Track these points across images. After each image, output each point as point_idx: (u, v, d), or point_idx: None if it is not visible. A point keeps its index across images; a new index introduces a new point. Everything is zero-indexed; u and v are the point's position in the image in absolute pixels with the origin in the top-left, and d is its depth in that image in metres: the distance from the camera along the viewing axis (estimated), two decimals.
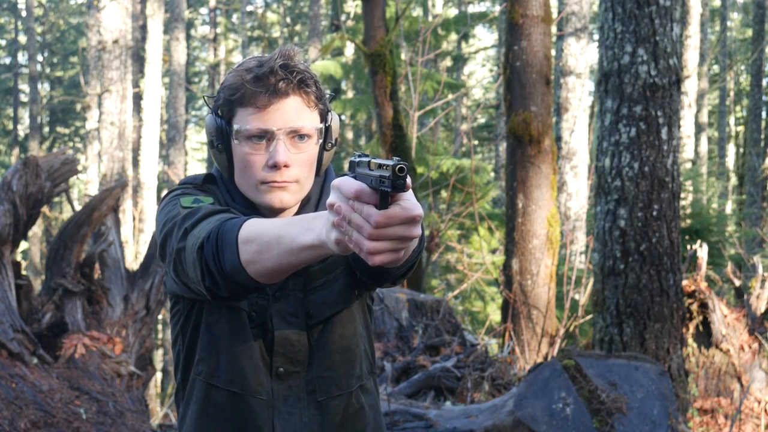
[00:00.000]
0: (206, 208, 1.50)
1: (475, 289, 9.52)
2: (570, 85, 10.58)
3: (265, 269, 1.38)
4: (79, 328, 5.44)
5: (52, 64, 26.87)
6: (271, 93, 1.54)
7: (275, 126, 1.55)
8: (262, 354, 1.60)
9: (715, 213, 8.41)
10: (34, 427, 4.10)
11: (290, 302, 1.61)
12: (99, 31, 11.78)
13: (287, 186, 1.56)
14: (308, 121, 1.57)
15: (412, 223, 1.16)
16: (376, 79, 6.40)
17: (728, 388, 5.36)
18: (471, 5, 22.44)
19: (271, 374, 1.61)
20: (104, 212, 6.02)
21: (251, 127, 1.54)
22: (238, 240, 1.39)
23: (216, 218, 1.46)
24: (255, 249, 1.37)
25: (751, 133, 16.39)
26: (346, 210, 1.18)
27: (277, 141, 1.55)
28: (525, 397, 3.70)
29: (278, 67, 1.55)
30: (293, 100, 1.56)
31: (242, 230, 1.39)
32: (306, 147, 1.57)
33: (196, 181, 1.64)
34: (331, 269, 1.64)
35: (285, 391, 1.61)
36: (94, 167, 16.01)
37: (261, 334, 1.59)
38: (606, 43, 4.79)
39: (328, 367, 1.64)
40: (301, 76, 1.57)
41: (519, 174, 6.07)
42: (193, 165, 29.75)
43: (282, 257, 1.34)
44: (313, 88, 1.59)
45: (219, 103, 1.60)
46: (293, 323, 1.60)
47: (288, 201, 1.58)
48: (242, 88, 1.56)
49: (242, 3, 21.72)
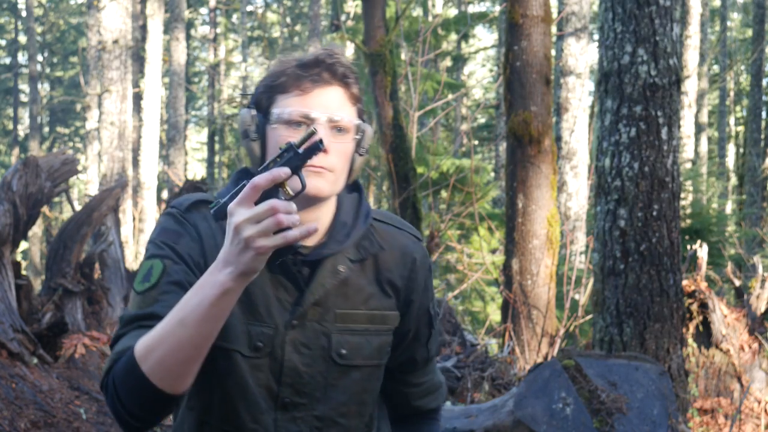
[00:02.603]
0: (127, 315, 1.49)
1: (475, 289, 9.52)
2: (570, 85, 10.58)
3: (179, 364, 1.37)
4: (79, 328, 5.44)
5: (52, 64, 26.87)
6: (315, 79, 1.54)
7: (317, 112, 1.52)
8: (269, 383, 1.56)
9: (715, 213, 8.42)
10: (34, 427, 4.10)
11: (306, 333, 1.57)
12: (99, 31, 11.78)
13: (324, 173, 1.52)
14: (348, 113, 1.56)
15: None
16: (376, 79, 6.41)
17: (728, 388, 5.36)
18: (471, 5, 22.44)
19: (276, 405, 1.57)
20: (104, 212, 6.02)
21: (293, 111, 1.52)
22: (136, 361, 1.38)
23: (131, 337, 1.45)
24: (157, 351, 1.37)
25: (751, 133, 16.39)
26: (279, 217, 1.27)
27: (317, 126, 1.52)
28: (525, 397, 3.71)
29: (324, 57, 1.55)
30: (335, 90, 1.55)
31: (136, 349, 1.39)
32: (344, 139, 1.55)
33: (181, 207, 1.58)
34: (377, 321, 1.63)
35: (288, 422, 1.58)
36: (94, 167, 16.01)
37: (270, 364, 1.56)
38: (606, 43, 4.79)
39: (343, 414, 1.61)
40: (345, 69, 1.56)
41: (519, 174, 6.07)
42: (193, 165, 29.75)
43: (194, 335, 1.35)
44: (355, 84, 1.58)
45: (258, 92, 1.58)
46: (306, 354, 1.57)
47: (323, 188, 1.52)
48: (286, 73, 1.55)
49: (242, 3, 21.72)
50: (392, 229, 1.67)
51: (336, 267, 1.59)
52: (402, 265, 1.66)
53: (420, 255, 1.68)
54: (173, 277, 1.50)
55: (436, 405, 1.82)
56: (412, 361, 1.74)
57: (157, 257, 1.52)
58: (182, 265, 1.51)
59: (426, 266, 1.69)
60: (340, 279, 1.59)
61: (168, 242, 1.53)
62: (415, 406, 1.80)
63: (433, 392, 1.81)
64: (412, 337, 1.72)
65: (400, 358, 1.72)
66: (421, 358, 1.75)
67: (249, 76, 23.29)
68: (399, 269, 1.65)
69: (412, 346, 1.73)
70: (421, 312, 1.70)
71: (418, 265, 1.67)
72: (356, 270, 1.61)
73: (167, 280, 1.49)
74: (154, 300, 1.48)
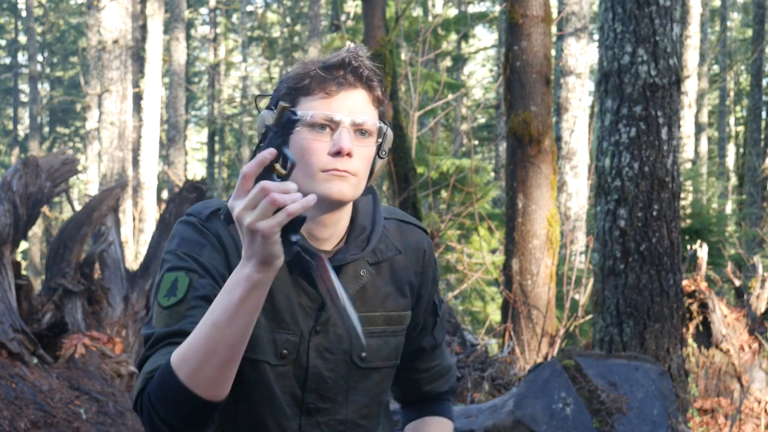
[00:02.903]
0: (156, 334, 1.45)
1: (475, 289, 9.52)
2: (570, 85, 10.58)
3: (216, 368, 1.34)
4: (79, 328, 5.44)
5: (52, 64, 26.86)
6: (340, 82, 1.52)
7: (341, 115, 1.51)
8: (293, 390, 1.56)
9: (715, 213, 8.42)
10: (34, 427, 4.10)
11: (329, 338, 1.58)
12: (99, 31, 11.78)
13: (347, 176, 1.50)
14: (371, 117, 1.55)
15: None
16: None
17: (728, 388, 5.36)
18: (471, 5, 22.44)
19: (302, 410, 1.57)
20: (104, 212, 6.02)
21: (317, 113, 1.50)
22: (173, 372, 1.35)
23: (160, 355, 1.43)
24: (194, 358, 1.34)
25: (751, 133, 16.39)
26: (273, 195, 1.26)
27: (341, 129, 1.50)
28: (525, 397, 3.71)
29: (350, 59, 1.53)
30: (360, 93, 1.54)
31: (172, 361, 1.36)
32: (367, 143, 1.54)
33: (201, 215, 1.55)
34: (394, 322, 1.63)
35: (312, 427, 1.58)
36: (94, 167, 16.01)
37: (295, 370, 1.56)
38: (606, 43, 4.79)
39: (365, 416, 1.62)
40: (369, 72, 1.55)
41: (519, 174, 6.07)
42: (193, 165, 29.74)
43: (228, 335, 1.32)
44: (379, 87, 1.57)
45: (280, 94, 1.56)
46: (329, 360, 1.58)
47: (347, 192, 1.50)
48: (310, 75, 1.52)
49: (242, 3, 21.72)
50: (401, 226, 1.68)
51: (357, 272, 1.59)
52: (415, 261, 1.67)
53: (428, 248, 1.70)
54: (200, 292, 1.47)
55: (448, 387, 1.84)
56: (419, 350, 1.77)
57: (182, 270, 1.48)
58: (208, 279, 1.48)
59: (433, 258, 1.71)
60: (361, 284, 1.59)
61: (191, 254, 1.50)
62: (425, 391, 1.82)
63: (443, 376, 1.82)
64: (421, 328, 1.74)
65: (409, 348, 1.74)
66: (429, 346, 1.77)
67: (249, 76, 23.29)
68: (413, 266, 1.67)
69: (420, 336, 1.75)
70: (428, 303, 1.73)
71: (427, 259, 1.69)
72: (374, 273, 1.62)
73: (194, 295, 1.46)
74: (182, 316, 1.45)
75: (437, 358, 1.80)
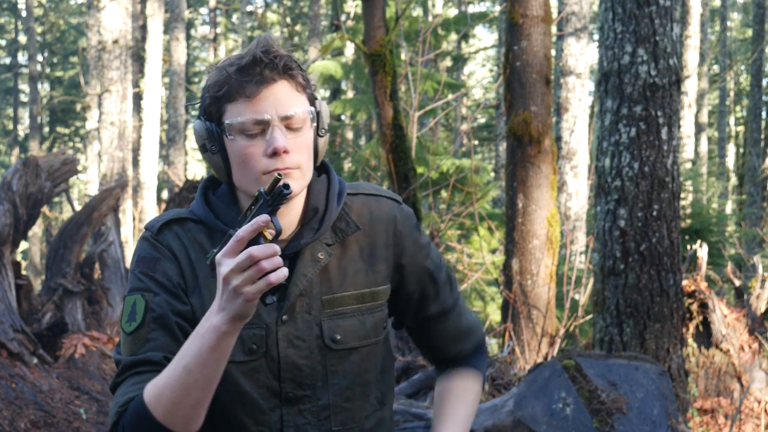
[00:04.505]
0: (123, 362, 1.51)
1: (475, 289, 9.52)
2: (570, 85, 10.58)
3: (190, 407, 1.42)
4: (79, 328, 5.44)
5: (52, 64, 26.86)
6: (259, 81, 1.50)
7: (268, 114, 1.50)
8: (269, 382, 1.57)
9: (715, 213, 8.41)
10: (34, 427, 4.10)
11: (297, 325, 1.58)
12: (99, 31, 11.78)
13: (290, 172, 1.51)
14: (299, 105, 1.53)
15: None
16: (376, 79, 6.40)
17: (728, 388, 5.36)
18: (471, 5, 22.45)
19: (281, 401, 1.58)
20: (104, 212, 6.02)
21: (244, 119, 1.50)
22: (148, 410, 1.43)
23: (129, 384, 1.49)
24: (168, 398, 1.41)
25: (751, 133, 16.40)
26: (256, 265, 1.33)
27: (272, 128, 1.50)
28: (525, 397, 3.71)
29: (261, 54, 1.51)
30: (282, 85, 1.52)
31: (146, 398, 1.44)
32: (302, 132, 1.54)
33: (153, 229, 1.59)
34: (367, 299, 1.62)
35: (295, 416, 1.59)
36: (94, 167, 16.01)
37: (267, 363, 1.57)
38: (606, 43, 4.79)
39: (348, 398, 1.61)
40: (285, 60, 1.53)
41: (519, 174, 6.07)
42: (193, 165, 29.75)
43: (199, 379, 1.39)
44: (298, 71, 1.55)
45: (205, 104, 1.55)
46: (301, 347, 1.58)
47: (294, 188, 1.52)
48: (228, 81, 1.51)
49: (242, 3, 21.72)
50: (366, 199, 1.66)
51: (315, 255, 1.58)
52: (384, 233, 1.65)
53: (401, 216, 1.67)
54: (157, 312, 1.53)
55: (473, 345, 1.81)
56: (428, 318, 1.74)
57: (138, 291, 1.54)
58: (163, 295, 1.54)
59: (409, 225, 1.67)
60: (321, 266, 1.59)
61: (146, 272, 1.55)
62: (451, 353, 1.80)
63: (466, 336, 1.79)
64: (419, 297, 1.71)
65: (418, 318, 1.73)
66: (437, 312, 1.74)
67: None
68: (381, 238, 1.64)
69: (423, 305, 1.72)
70: (418, 271, 1.69)
71: (399, 228, 1.66)
72: (337, 253, 1.61)
73: (152, 316, 1.52)
74: (144, 340, 1.51)
75: (453, 321, 1.77)
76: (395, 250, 1.65)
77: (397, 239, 1.66)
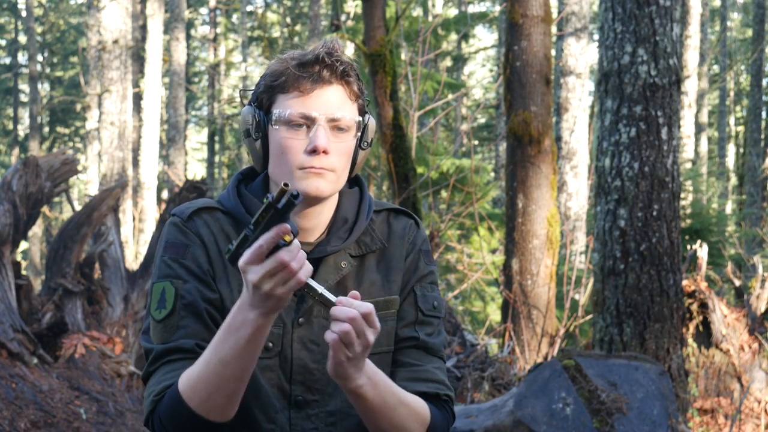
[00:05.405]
0: (155, 351, 1.52)
1: (475, 289, 9.52)
2: (570, 85, 10.58)
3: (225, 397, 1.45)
4: (79, 328, 5.44)
5: (52, 64, 26.86)
6: (315, 79, 1.53)
7: (317, 112, 1.53)
8: (280, 383, 1.58)
9: (715, 213, 8.42)
10: (34, 427, 4.10)
11: (313, 329, 1.58)
12: (99, 31, 11.78)
13: (325, 173, 1.53)
14: (348, 112, 1.56)
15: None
16: (376, 79, 6.40)
17: (728, 388, 5.36)
18: (471, 5, 22.45)
19: (290, 403, 1.58)
20: (104, 212, 6.02)
21: (293, 112, 1.53)
22: (184, 401, 1.45)
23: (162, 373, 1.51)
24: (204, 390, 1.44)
25: (751, 133, 16.40)
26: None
27: (317, 126, 1.53)
28: (525, 397, 3.71)
29: (324, 55, 1.54)
30: (336, 89, 1.55)
31: (181, 389, 1.46)
32: (345, 138, 1.56)
33: (183, 215, 1.59)
34: (381, 308, 1.60)
35: (303, 420, 1.58)
36: (94, 167, 16.01)
37: (281, 363, 1.57)
38: (606, 43, 4.79)
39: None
40: (345, 66, 1.56)
41: (519, 174, 6.07)
42: (193, 165, 29.75)
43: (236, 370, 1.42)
44: (355, 80, 1.58)
45: (259, 91, 1.59)
46: (314, 351, 1.58)
47: (324, 189, 1.54)
48: (285, 73, 1.54)
49: (242, 3, 21.72)
50: (389, 216, 1.69)
51: (338, 263, 1.60)
52: (401, 246, 1.67)
53: (415, 236, 1.68)
54: (187, 299, 1.54)
55: (427, 390, 1.62)
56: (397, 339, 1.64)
57: (167, 278, 1.55)
58: (192, 282, 1.55)
59: (419, 248, 1.67)
60: (341, 275, 1.60)
61: (176, 258, 1.56)
62: (400, 385, 1.60)
63: (427, 382, 1.63)
64: (400, 317, 1.64)
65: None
66: (406, 337, 1.63)
67: (249, 76, 23.29)
68: (399, 251, 1.66)
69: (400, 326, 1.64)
70: (408, 292, 1.65)
71: (410, 245, 1.67)
72: (357, 264, 1.63)
73: (182, 303, 1.53)
74: (175, 327, 1.53)
75: (419, 360, 1.64)
76: (408, 266, 1.67)
77: (408, 254, 1.67)
